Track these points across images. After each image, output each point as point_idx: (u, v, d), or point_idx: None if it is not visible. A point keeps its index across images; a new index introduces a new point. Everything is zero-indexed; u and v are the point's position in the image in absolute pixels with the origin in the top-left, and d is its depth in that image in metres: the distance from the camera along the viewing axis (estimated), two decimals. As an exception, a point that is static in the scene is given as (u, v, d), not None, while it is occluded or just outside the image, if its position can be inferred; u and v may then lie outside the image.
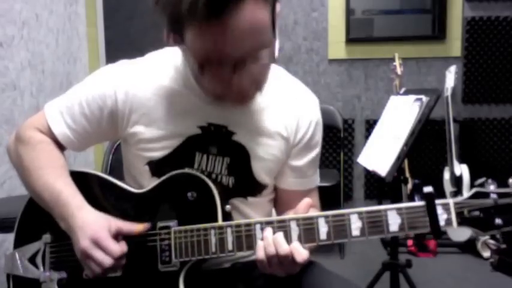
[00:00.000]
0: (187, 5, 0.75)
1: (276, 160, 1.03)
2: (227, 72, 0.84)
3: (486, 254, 2.74)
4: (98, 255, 0.88)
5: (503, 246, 2.63)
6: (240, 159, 1.01)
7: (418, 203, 0.83)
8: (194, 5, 0.74)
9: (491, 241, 2.71)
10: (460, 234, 2.80)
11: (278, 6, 0.88)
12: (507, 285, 2.47)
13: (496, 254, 2.62)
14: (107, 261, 0.87)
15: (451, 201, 0.82)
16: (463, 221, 0.82)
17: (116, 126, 1.02)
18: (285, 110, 1.03)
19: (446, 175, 2.89)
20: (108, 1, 3.29)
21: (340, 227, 0.84)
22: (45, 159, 1.00)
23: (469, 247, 2.82)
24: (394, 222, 0.83)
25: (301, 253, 0.83)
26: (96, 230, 0.89)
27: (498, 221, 0.81)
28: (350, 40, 3.25)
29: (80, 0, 3.13)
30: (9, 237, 1.08)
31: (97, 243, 0.88)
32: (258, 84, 0.91)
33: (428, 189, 0.82)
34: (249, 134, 1.01)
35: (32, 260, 1.03)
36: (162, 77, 1.00)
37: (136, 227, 0.93)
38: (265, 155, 1.01)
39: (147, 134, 0.99)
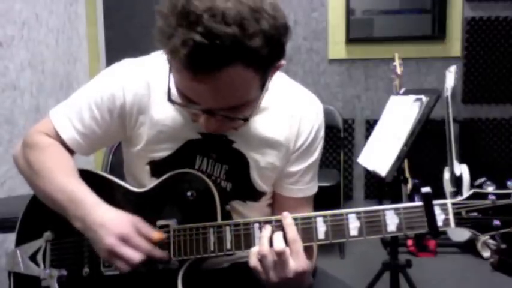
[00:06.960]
0: (172, 47, 0.73)
1: (274, 169, 1.02)
2: (196, 112, 0.85)
3: (486, 254, 2.74)
4: (127, 251, 0.85)
5: (503, 246, 2.63)
6: (239, 167, 1.00)
7: (416, 203, 0.83)
8: (176, 51, 0.73)
9: (491, 241, 2.71)
10: (460, 234, 2.80)
11: (275, 72, 0.86)
12: (507, 285, 2.47)
13: (496, 254, 2.62)
14: (137, 257, 0.85)
15: (449, 202, 0.82)
16: (461, 221, 0.82)
17: (124, 127, 1.01)
18: (287, 118, 1.00)
19: (446, 175, 2.89)
20: (108, 1, 3.29)
21: (338, 227, 0.84)
22: (56, 161, 0.99)
23: (469, 247, 2.82)
24: (392, 222, 0.83)
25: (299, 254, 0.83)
26: (122, 227, 0.87)
27: (496, 222, 0.81)
28: (350, 40, 3.25)
29: (80, 0, 3.13)
30: (10, 237, 1.08)
31: (125, 240, 0.86)
32: (228, 129, 0.91)
33: (426, 189, 0.83)
34: (249, 142, 0.99)
35: (33, 257, 1.03)
36: (167, 81, 0.99)
37: (154, 235, 0.90)
38: (264, 164, 1.00)
39: (152, 135, 0.99)
